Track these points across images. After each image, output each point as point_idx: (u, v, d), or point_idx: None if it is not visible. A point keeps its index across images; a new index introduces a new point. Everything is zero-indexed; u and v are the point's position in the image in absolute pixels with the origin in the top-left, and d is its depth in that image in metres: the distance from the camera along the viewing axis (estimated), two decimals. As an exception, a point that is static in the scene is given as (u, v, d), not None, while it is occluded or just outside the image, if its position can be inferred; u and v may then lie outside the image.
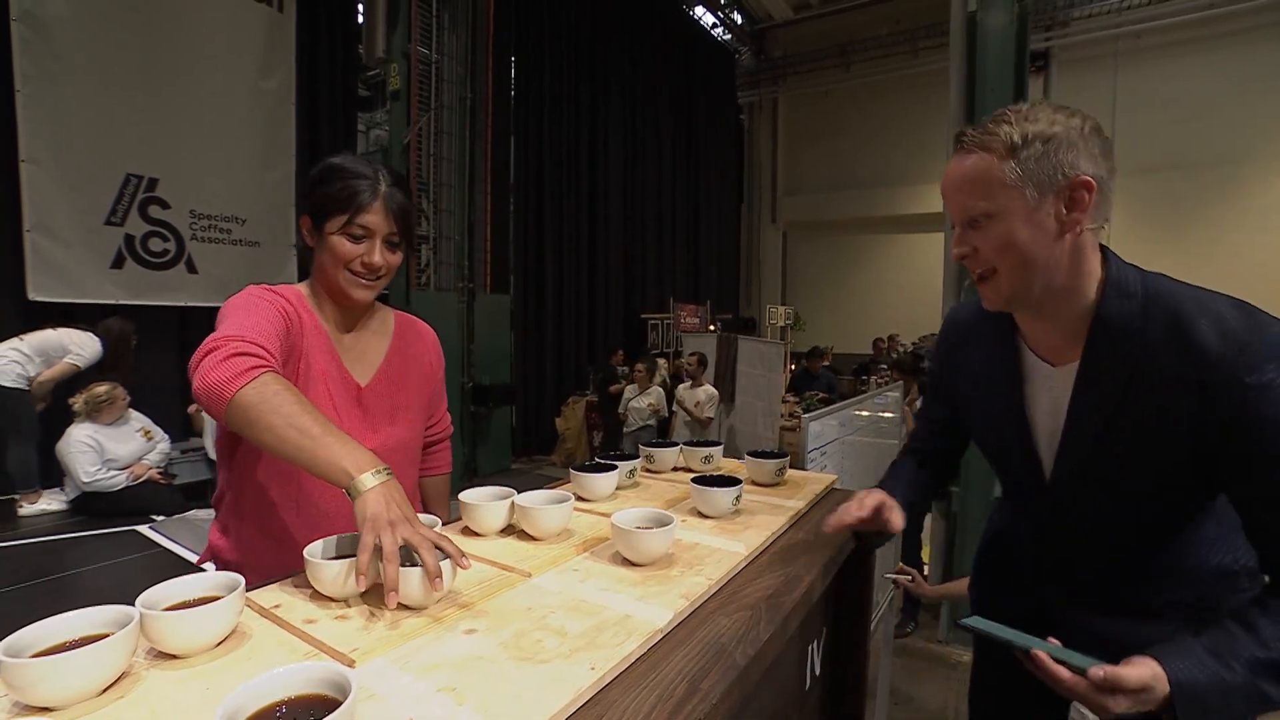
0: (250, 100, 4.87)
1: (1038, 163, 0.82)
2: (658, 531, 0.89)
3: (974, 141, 0.86)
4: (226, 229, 4.82)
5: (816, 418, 1.78)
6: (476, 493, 1.07)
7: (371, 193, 1.06)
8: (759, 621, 0.79)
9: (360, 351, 1.17)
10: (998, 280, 0.88)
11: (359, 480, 0.78)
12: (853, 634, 1.40)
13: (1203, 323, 0.77)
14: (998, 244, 0.86)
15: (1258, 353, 0.73)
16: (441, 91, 6.67)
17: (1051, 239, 0.84)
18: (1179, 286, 0.84)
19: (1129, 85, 10.00)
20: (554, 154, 8.29)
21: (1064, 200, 0.82)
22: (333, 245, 1.06)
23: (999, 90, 3.27)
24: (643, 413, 5.31)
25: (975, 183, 0.85)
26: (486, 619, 0.74)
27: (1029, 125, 0.82)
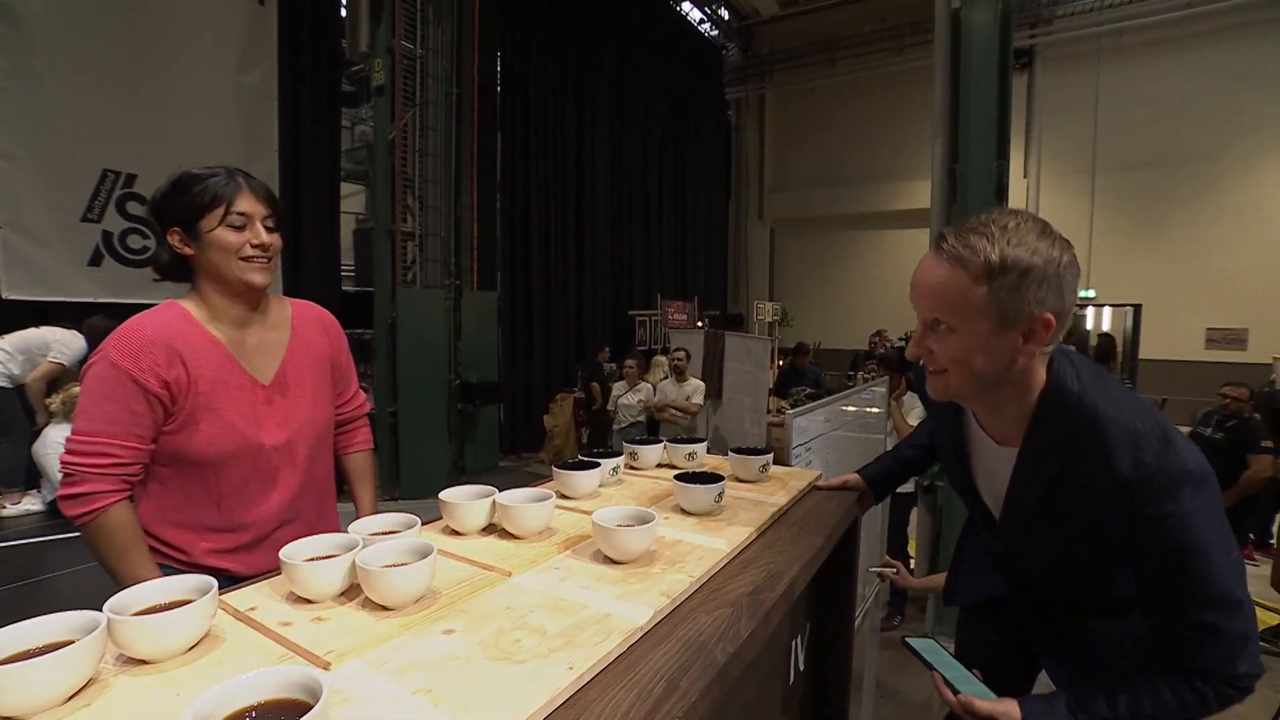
0: (231, 95, 4.81)
1: (1008, 294, 0.83)
2: (638, 529, 0.89)
3: (952, 253, 0.85)
4: (208, 226, 4.77)
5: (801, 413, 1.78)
6: (457, 491, 1.07)
7: (234, 184, 1.12)
8: (740, 618, 0.79)
9: (261, 350, 1.21)
10: (946, 378, 0.92)
11: None
12: (837, 629, 1.41)
13: (1121, 451, 0.83)
14: (952, 355, 0.89)
15: (1160, 486, 0.82)
16: (427, 87, 6.60)
17: (1004, 362, 0.88)
18: (1110, 404, 0.87)
19: (1111, 83, 10.11)
20: (540, 150, 8.25)
21: (1023, 332, 0.85)
22: (218, 240, 1.10)
23: (983, 87, 3.29)
24: (633, 409, 5.31)
25: (944, 296, 0.87)
26: (465, 618, 0.74)
27: (1009, 250, 0.82)
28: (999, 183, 3.31)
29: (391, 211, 5.99)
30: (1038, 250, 0.82)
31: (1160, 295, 9.98)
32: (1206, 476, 0.83)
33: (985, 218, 0.86)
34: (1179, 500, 0.81)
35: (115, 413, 1.05)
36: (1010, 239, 0.82)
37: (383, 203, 5.97)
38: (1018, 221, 0.85)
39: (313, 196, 5.72)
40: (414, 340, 5.59)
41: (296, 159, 5.52)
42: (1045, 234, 0.84)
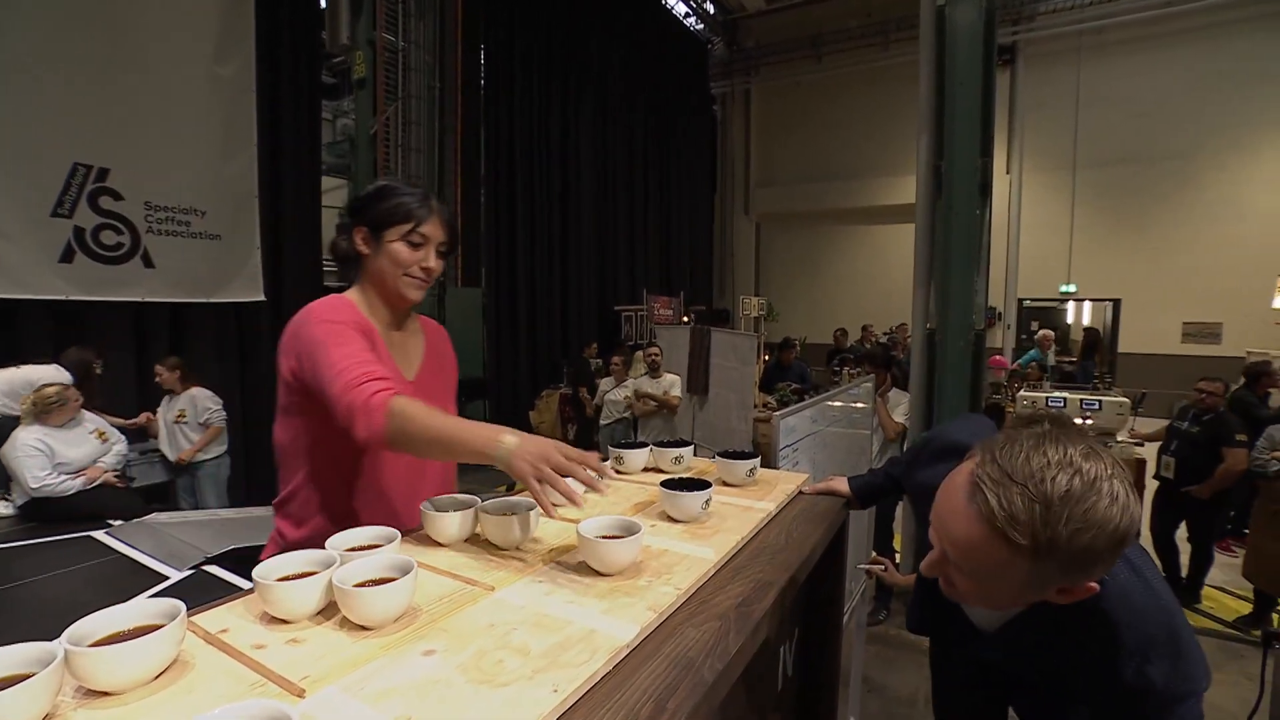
0: (207, 87, 4.68)
1: (1056, 570, 0.69)
2: (624, 542, 0.87)
3: (991, 520, 0.67)
4: (185, 221, 4.63)
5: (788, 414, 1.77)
6: (438, 501, 1.04)
7: (428, 206, 1.21)
8: (729, 632, 0.78)
9: (405, 350, 1.30)
10: (959, 595, 0.81)
11: (497, 454, 0.92)
12: (826, 631, 1.40)
13: (1129, 655, 0.78)
14: (976, 594, 0.78)
15: (1158, 703, 0.78)
16: (409, 80, 6.52)
17: (1029, 602, 0.80)
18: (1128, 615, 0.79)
19: (1091, 80, 10.22)
20: (525, 145, 8.18)
21: (1059, 589, 0.74)
22: (394, 252, 1.19)
23: (968, 84, 3.30)
24: (618, 405, 5.29)
25: (975, 557, 0.71)
26: (446, 638, 0.71)
27: (1064, 530, 0.65)
28: (983, 180, 3.32)
29: (374, 207, 5.90)
30: (1102, 528, 0.65)
31: (1139, 290, 10.13)
32: (1201, 690, 0.80)
33: (1036, 460, 0.66)
34: (1172, 715, 0.78)
35: (348, 350, 1.06)
36: (1070, 514, 0.64)
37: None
38: (1084, 481, 0.65)
39: (293, 191, 5.62)
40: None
41: (276, 152, 5.41)
42: (1113, 498, 0.65)
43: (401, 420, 0.97)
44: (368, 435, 0.98)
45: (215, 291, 4.85)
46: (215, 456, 4.14)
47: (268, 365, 5.23)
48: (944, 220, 3.38)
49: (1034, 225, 10.54)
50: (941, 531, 0.76)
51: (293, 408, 1.18)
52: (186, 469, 4.07)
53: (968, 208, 3.30)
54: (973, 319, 3.31)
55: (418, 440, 0.97)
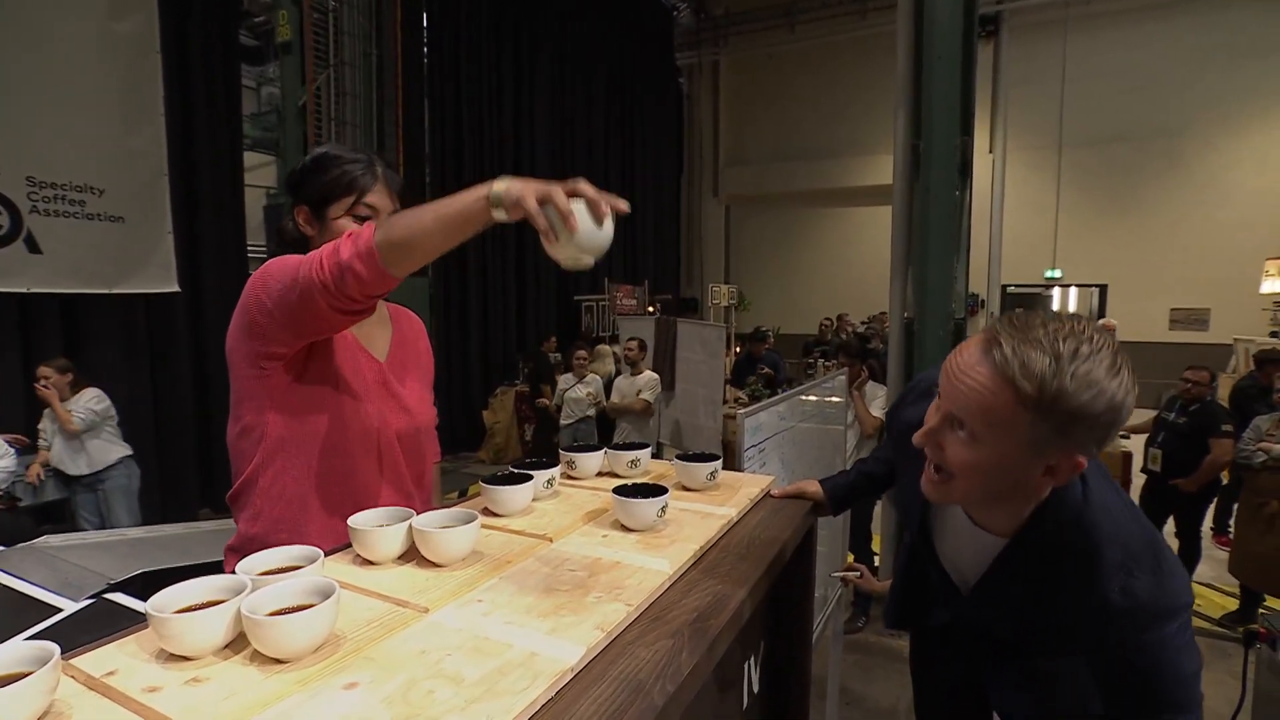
0: (99, 46, 4.44)
1: (1051, 432, 0.79)
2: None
3: (1003, 368, 0.78)
4: (79, 200, 4.42)
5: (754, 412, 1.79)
6: (369, 515, 1.02)
7: (371, 175, 1.19)
8: (681, 651, 0.78)
9: (371, 339, 1.28)
10: (950, 485, 0.90)
11: (492, 194, 0.88)
12: (794, 644, 1.42)
13: (1112, 576, 0.86)
14: (966, 464, 0.86)
15: (1145, 618, 0.86)
16: (342, 46, 6.35)
17: (1015, 484, 0.87)
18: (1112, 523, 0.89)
19: (1078, 54, 10.53)
20: (474, 120, 8.06)
21: (1049, 465, 0.83)
22: (339, 228, 1.16)
23: (947, 56, 3.35)
24: (581, 404, 5.28)
25: (981, 404, 0.81)
26: (373, 667, 0.70)
27: (1071, 385, 0.75)
28: (963, 160, 3.39)
29: (304, 186, 5.75)
30: (1103, 392, 0.76)
31: (1126, 276, 10.52)
32: (1189, 606, 0.87)
33: (1053, 328, 0.79)
34: (1162, 631, 0.85)
35: None
36: (1076, 370, 0.76)
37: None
38: (1090, 348, 0.77)
39: (210, 167, 5.44)
40: (334, 331, 5.40)
41: (189, 124, 5.23)
42: (1116, 369, 0.77)
43: (386, 226, 0.95)
44: (354, 252, 0.93)
45: (119, 281, 4.66)
46: (117, 462, 3.97)
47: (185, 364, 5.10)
48: (922, 203, 3.45)
49: (1018, 207, 10.84)
50: (949, 389, 0.85)
51: (255, 390, 1.15)
52: (90, 483, 3.92)
53: (947, 190, 3.37)
54: (952, 307, 3.39)
55: (408, 231, 0.93)
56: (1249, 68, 9.65)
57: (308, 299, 0.99)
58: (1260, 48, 9.57)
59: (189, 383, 5.28)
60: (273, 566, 0.86)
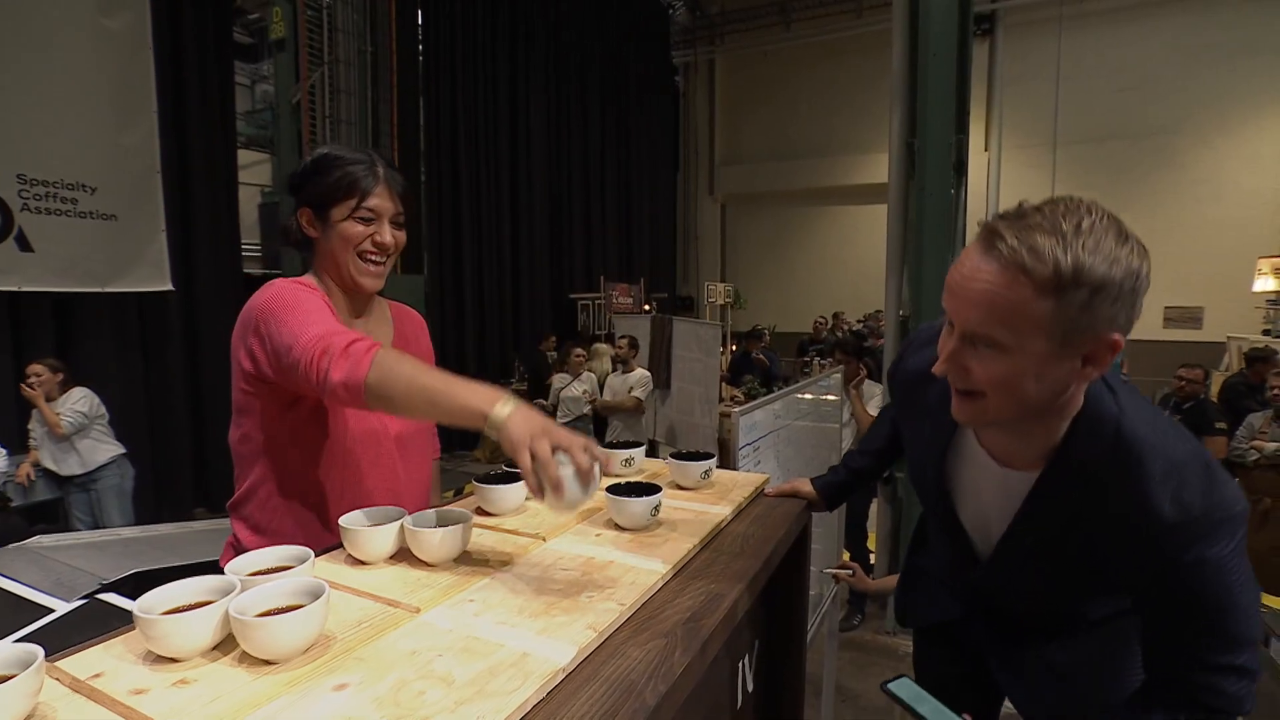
0: (92, 42, 4.41)
1: (1078, 312, 0.74)
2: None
3: (1013, 258, 0.74)
4: (71, 198, 4.39)
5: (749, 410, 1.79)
6: (359, 515, 1.02)
7: (373, 176, 1.18)
8: (674, 650, 0.78)
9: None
10: (983, 405, 0.84)
11: (493, 415, 0.87)
12: (788, 642, 1.42)
13: (1161, 487, 0.80)
14: (997, 379, 0.80)
15: (1203, 530, 0.79)
16: (336, 43, 6.32)
17: (1055, 388, 0.81)
18: (1152, 432, 0.83)
19: (1073, 52, 10.55)
20: (469, 118, 8.04)
21: (1084, 354, 0.78)
22: (342, 231, 1.17)
23: (942, 55, 3.35)
24: (578, 402, 5.27)
25: (997, 308, 0.76)
26: (363, 668, 0.70)
27: (1085, 258, 0.72)
28: (958, 158, 3.40)
29: (299, 184, 5.73)
30: (1118, 260, 0.73)
31: (1119, 273, 10.53)
32: (1245, 515, 0.81)
33: (1051, 210, 0.76)
34: (1219, 545, 0.78)
35: (328, 316, 1.07)
36: (1085, 243, 0.72)
37: (288, 174, 5.71)
38: (1092, 220, 0.74)
39: (204, 165, 5.41)
40: (328, 330, 5.39)
41: (182, 121, 5.20)
42: (1124, 237, 0.75)
43: (386, 368, 0.93)
44: (344, 378, 0.93)
45: (112, 280, 4.64)
46: (110, 462, 3.95)
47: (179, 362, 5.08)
48: (917, 201, 3.45)
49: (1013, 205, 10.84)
50: (959, 305, 0.80)
51: (253, 403, 1.16)
52: (82, 483, 3.89)
53: (942, 187, 3.37)
54: (948, 305, 3.39)
55: (402, 390, 0.92)
56: (1242, 67, 9.68)
57: (294, 375, 1.01)
58: (1253, 47, 9.60)
59: (183, 381, 5.25)
60: (262, 567, 0.86)
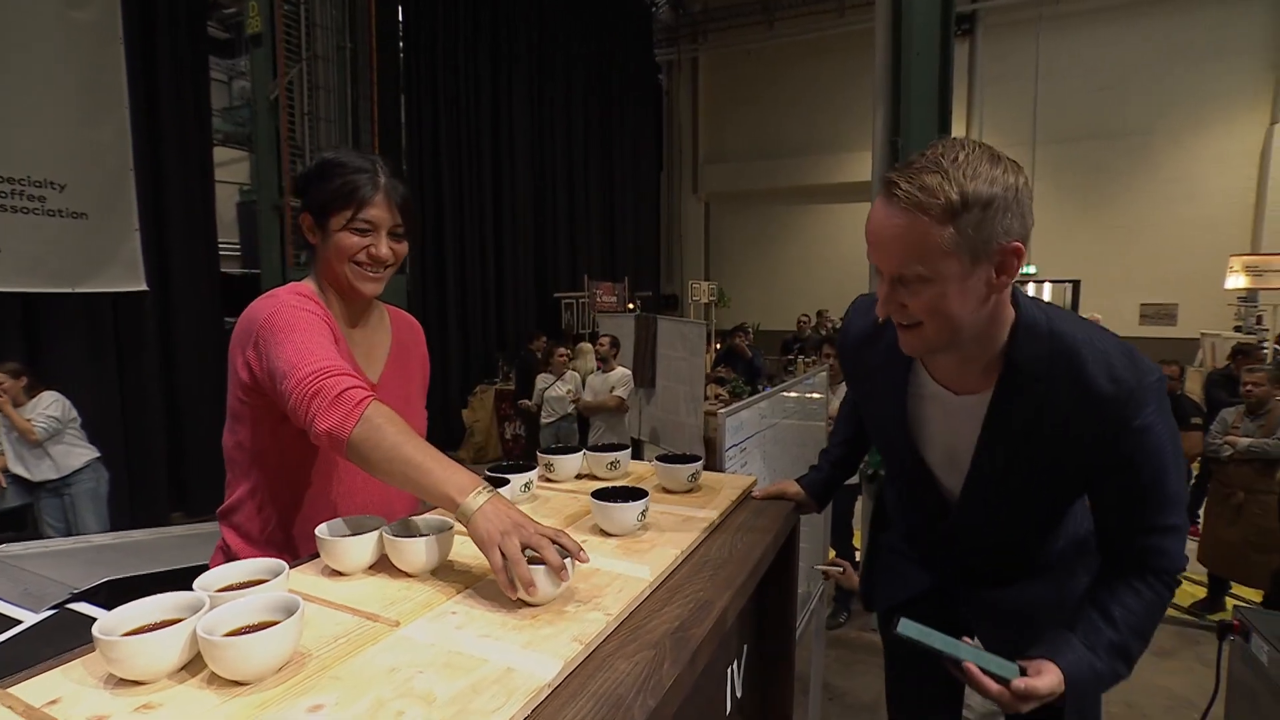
0: (58, 34, 4.28)
1: (975, 230, 0.85)
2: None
3: (909, 200, 0.85)
4: (37, 196, 4.26)
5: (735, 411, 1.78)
6: (337, 524, 0.98)
7: (373, 186, 1.16)
8: (663, 662, 0.76)
9: (368, 348, 1.28)
10: (922, 332, 0.95)
11: (464, 506, 0.89)
12: (777, 646, 1.41)
13: (1097, 369, 0.93)
14: (928, 306, 0.91)
15: (1140, 398, 0.92)
16: (314, 38, 6.21)
17: (979, 300, 0.91)
18: (1076, 328, 0.97)
19: (1051, 52, 10.67)
20: (451, 115, 7.96)
21: (995, 265, 0.89)
22: (338, 241, 1.16)
23: (925, 53, 3.36)
24: (562, 402, 5.24)
25: (910, 246, 0.87)
26: (339, 688, 0.67)
27: (968, 185, 0.83)
28: (940, 157, 3.40)
29: (278, 182, 5.65)
30: (995, 179, 0.84)
31: (1098, 272, 10.69)
32: (1163, 381, 0.95)
33: (931, 154, 0.87)
34: (1151, 409, 0.92)
35: (327, 344, 1.05)
36: (965, 172, 0.84)
37: (267, 172, 5.62)
38: (966, 152, 0.86)
39: (178, 162, 5.30)
40: (307, 330, 5.30)
41: (155, 117, 5.08)
42: (995, 159, 0.86)
43: (372, 428, 0.94)
44: (330, 428, 0.94)
45: (83, 280, 4.52)
46: (84, 466, 3.85)
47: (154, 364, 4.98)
48: (900, 199, 3.45)
49: (993, 204, 10.96)
50: (880, 253, 0.91)
51: (246, 411, 1.16)
52: (55, 488, 3.79)
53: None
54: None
55: (382, 455, 0.94)
56: (1211, 68, 9.85)
57: (284, 404, 1.00)
58: (1222, 49, 9.77)
59: (158, 384, 5.14)
60: (233, 581, 0.82)
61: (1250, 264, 8.91)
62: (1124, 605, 0.98)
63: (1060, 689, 0.91)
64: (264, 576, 0.83)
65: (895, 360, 1.08)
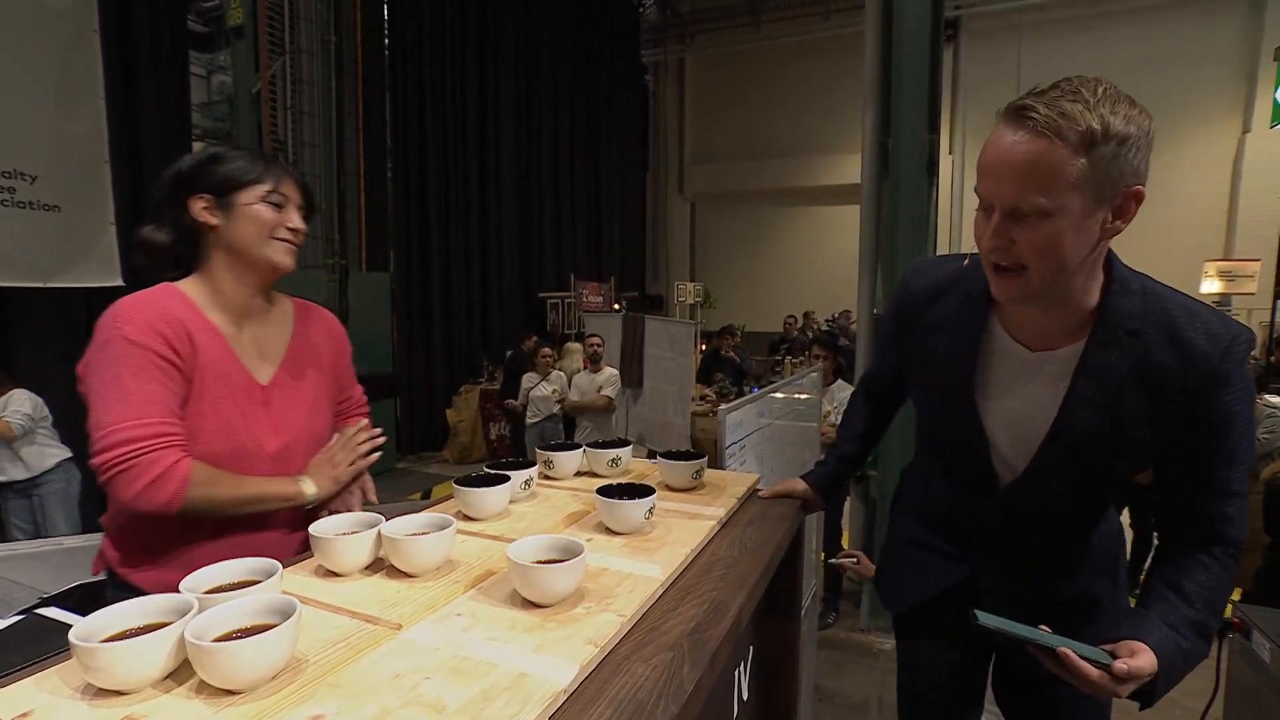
0: (30, 21, 4.14)
1: (1108, 165, 0.81)
2: (563, 567, 0.80)
3: (1048, 124, 0.81)
4: (7, 187, 4.12)
5: (734, 408, 1.75)
6: (332, 522, 0.93)
7: (279, 164, 1.19)
8: (682, 665, 0.72)
9: (260, 346, 1.22)
10: (1026, 278, 0.90)
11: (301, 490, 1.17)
12: (783, 646, 1.38)
13: (1193, 325, 0.91)
14: (1041, 245, 0.86)
15: (1234, 353, 0.90)
16: (298, 32, 6.12)
17: (1090, 245, 0.88)
18: (1163, 288, 0.96)
19: (1033, 59, 10.80)
20: (437, 112, 7.88)
21: (1114, 208, 0.85)
22: (255, 214, 1.14)
23: (915, 54, 3.37)
24: (548, 402, 5.19)
25: (1040, 174, 0.82)
26: (339, 695, 0.62)
27: (1109, 115, 0.80)
28: (930, 157, 3.41)
29: (258, 177, 5.55)
30: (1132, 118, 0.82)
31: (1077, 275, 10.84)
32: (1252, 340, 0.94)
33: (1066, 85, 0.84)
34: (1240, 367, 0.91)
35: (152, 391, 1.04)
36: (1105, 105, 0.81)
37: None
38: (1104, 87, 0.83)
39: (157, 156, 5.16)
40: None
41: (133, 110, 4.96)
42: (1132, 102, 0.84)
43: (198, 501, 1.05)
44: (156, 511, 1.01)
45: (55, 274, 4.39)
46: (56, 466, 3.73)
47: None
48: (891, 199, 3.45)
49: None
50: (998, 182, 0.86)
51: None
52: (23, 489, 3.67)
53: (915, 187, 3.38)
54: (922, 303, 3.40)
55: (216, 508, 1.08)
56: (1188, 77, 10.04)
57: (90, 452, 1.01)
58: (1199, 58, 9.96)
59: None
60: (224, 582, 0.77)
61: (1224, 269, 9.08)
62: (1196, 581, 0.94)
63: (1154, 669, 0.87)
64: (256, 577, 0.78)
65: (968, 314, 1.04)
